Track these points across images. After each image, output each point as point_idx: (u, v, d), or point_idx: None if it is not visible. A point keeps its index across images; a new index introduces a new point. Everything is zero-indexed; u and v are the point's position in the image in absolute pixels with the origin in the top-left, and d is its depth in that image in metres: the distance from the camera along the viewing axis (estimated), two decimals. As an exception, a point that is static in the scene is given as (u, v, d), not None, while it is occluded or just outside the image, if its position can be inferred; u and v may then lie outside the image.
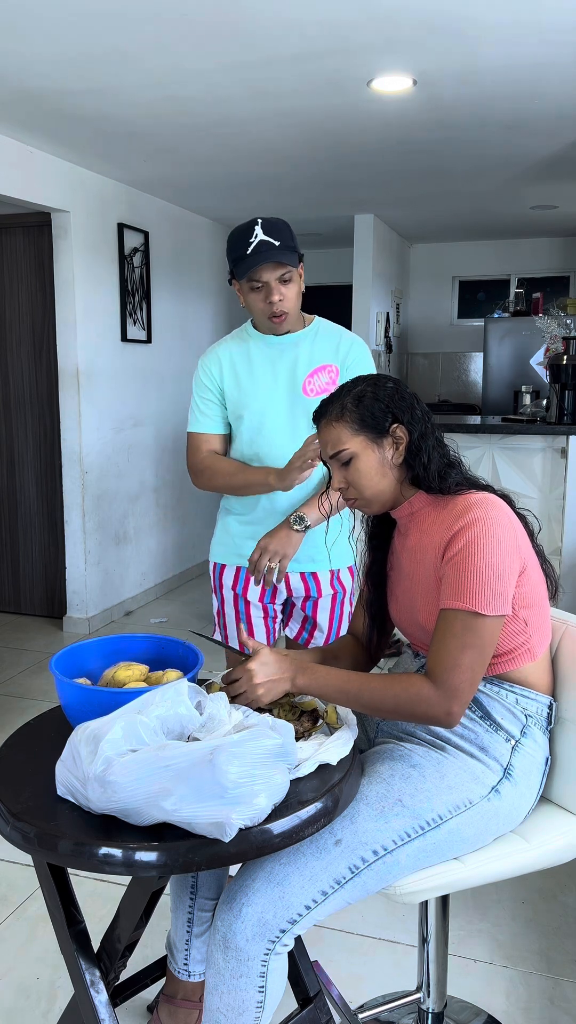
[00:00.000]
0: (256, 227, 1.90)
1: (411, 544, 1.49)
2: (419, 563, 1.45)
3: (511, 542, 1.36)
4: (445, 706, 1.30)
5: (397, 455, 1.44)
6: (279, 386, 2.05)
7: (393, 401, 1.44)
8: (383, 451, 1.44)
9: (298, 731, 1.37)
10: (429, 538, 1.43)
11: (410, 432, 1.44)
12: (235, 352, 2.09)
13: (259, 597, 2.15)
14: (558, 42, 2.63)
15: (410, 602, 1.50)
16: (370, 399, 1.44)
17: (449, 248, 6.83)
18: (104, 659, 1.51)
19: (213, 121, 3.41)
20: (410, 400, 1.46)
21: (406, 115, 3.35)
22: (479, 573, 1.32)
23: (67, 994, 1.84)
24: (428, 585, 1.43)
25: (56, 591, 4.63)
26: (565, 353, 3.78)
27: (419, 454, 1.43)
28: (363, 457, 1.44)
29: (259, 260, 1.89)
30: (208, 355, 2.12)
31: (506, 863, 1.41)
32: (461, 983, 1.91)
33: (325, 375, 2.06)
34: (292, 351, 2.06)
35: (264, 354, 2.07)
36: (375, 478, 1.45)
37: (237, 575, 2.15)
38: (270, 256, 1.89)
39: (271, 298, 1.94)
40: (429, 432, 1.45)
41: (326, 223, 5.83)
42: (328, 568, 2.13)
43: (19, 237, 4.35)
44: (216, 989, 1.31)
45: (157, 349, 5.01)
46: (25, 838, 1.17)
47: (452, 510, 1.40)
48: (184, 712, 1.25)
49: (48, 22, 2.45)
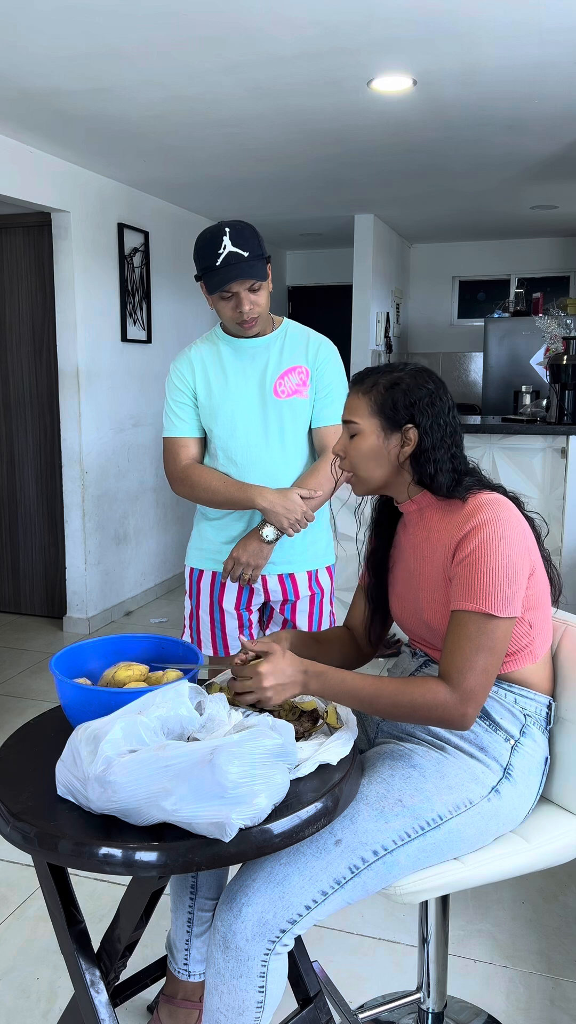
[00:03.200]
0: (224, 238, 1.88)
1: (417, 540, 1.49)
2: (425, 560, 1.45)
3: (523, 544, 1.36)
4: (460, 709, 1.30)
5: (402, 453, 1.44)
6: (250, 388, 2.05)
7: (421, 403, 1.41)
8: (388, 443, 1.44)
9: (298, 731, 1.37)
10: (437, 536, 1.43)
11: (421, 439, 1.42)
12: (206, 355, 2.08)
13: (235, 605, 2.14)
14: (558, 42, 2.63)
15: (413, 597, 1.50)
16: (401, 391, 1.42)
17: (449, 248, 6.83)
18: (104, 659, 1.51)
19: (213, 121, 3.41)
20: (440, 409, 1.42)
21: (406, 115, 3.35)
22: (492, 575, 1.31)
23: (67, 994, 1.85)
24: (434, 583, 1.43)
25: (56, 591, 4.63)
26: (565, 353, 3.78)
27: (426, 463, 1.42)
28: (367, 439, 1.44)
29: (229, 276, 1.88)
30: (179, 359, 2.11)
31: (506, 863, 1.41)
32: (461, 983, 1.91)
33: (296, 376, 2.06)
34: (263, 354, 2.06)
35: (235, 357, 2.06)
36: (370, 463, 1.45)
37: (213, 581, 2.15)
38: (240, 272, 1.88)
39: (240, 308, 1.94)
40: (444, 445, 1.42)
41: (326, 223, 5.83)
42: (305, 569, 2.13)
43: (19, 237, 4.35)
44: (216, 989, 1.30)
45: (157, 349, 5.01)
46: (25, 838, 1.17)
47: (462, 510, 1.39)
48: (184, 713, 1.25)
49: (48, 21, 2.45)
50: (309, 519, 2.02)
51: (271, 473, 2.05)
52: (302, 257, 7.15)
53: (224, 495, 2.02)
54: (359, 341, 5.80)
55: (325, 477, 2.07)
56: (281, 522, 1.99)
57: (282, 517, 1.99)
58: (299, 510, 2.00)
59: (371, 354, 5.83)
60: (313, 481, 2.06)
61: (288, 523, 1.99)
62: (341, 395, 2.12)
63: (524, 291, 6.03)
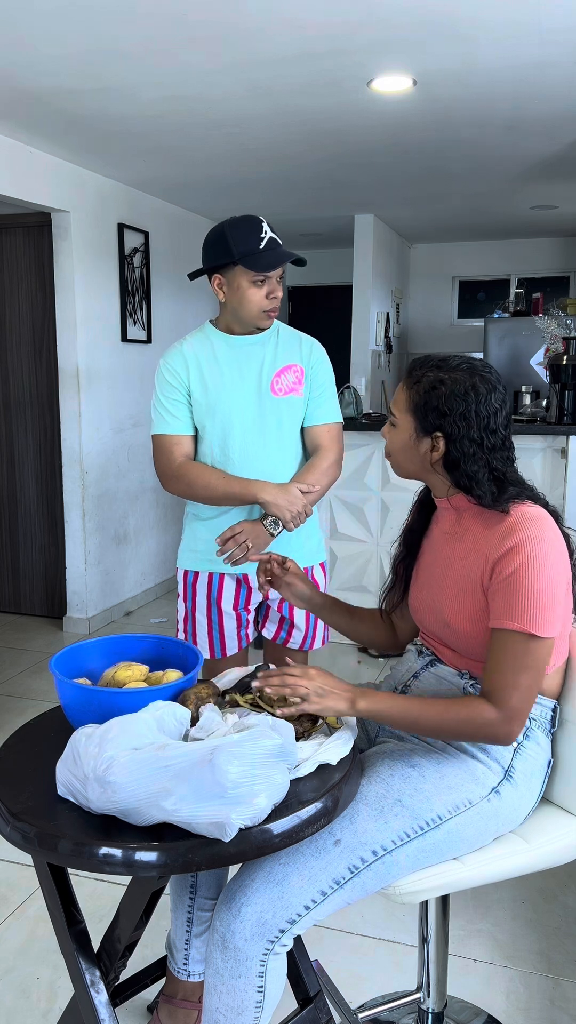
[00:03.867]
0: (264, 223, 1.93)
1: (451, 537, 1.48)
2: (456, 558, 1.44)
3: (563, 564, 1.35)
4: (506, 728, 1.31)
5: (430, 457, 1.43)
6: (247, 386, 2.05)
7: (453, 414, 1.37)
8: (420, 444, 1.43)
9: (298, 731, 1.37)
10: (473, 540, 1.42)
11: (449, 450, 1.40)
12: (200, 352, 2.07)
13: (232, 605, 2.14)
14: (558, 42, 2.63)
15: (436, 590, 1.49)
16: (438, 396, 1.38)
17: (449, 248, 6.83)
18: (104, 659, 1.51)
19: (213, 121, 3.41)
20: (478, 423, 1.37)
21: (406, 115, 3.35)
22: (536, 594, 1.30)
23: (67, 994, 1.84)
24: (463, 584, 1.41)
25: (56, 591, 4.63)
26: (565, 353, 3.78)
27: (457, 472, 1.40)
28: (401, 434, 1.45)
29: (280, 257, 1.93)
30: (172, 355, 2.08)
31: (506, 863, 1.41)
32: (461, 983, 1.91)
33: (291, 374, 2.07)
34: (259, 351, 2.06)
35: (230, 354, 2.06)
36: (402, 455, 1.47)
37: (210, 581, 2.14)
38: (288, 254, 1.94)
39: (275, 294, 1.97)
40: (477, 459, 1.38)
41: (326, 223, 5.83)
42: (301, 566, 2.13)
43: (19, 237, 4.35)
44: (215, 989, 1.30)
45: (157, 349, 5.01)
46: (25, 838, 1.17)
47: (502, 521, 1.37)
48: (183, 714, 1.25)
49: (48, 21, 2.45)
50: (308, 513, 2.02)
51: (266, 470, 2.05)
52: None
53: (224, 491, 2.02)
54: (359, 341, 5.80)
55: (321, 473, 2.07)
56: (284, 515, 1.98)
57: (284, 510, 1.98)
58: (300, 504, 2.00)
59: (371, 354, 5.83)
60: (310, 476, 2.06)
61: (290, 516, 1.98)
62: (333, 395, 2.14)
63: (524, 291, 6.03)
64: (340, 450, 2.15)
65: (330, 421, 2.13)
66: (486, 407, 1.38)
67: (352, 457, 3.92)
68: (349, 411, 4.01)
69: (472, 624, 1.40)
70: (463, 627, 1.42)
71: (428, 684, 1.51)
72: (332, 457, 2.11)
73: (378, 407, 5.90)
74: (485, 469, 1.39)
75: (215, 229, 1.96)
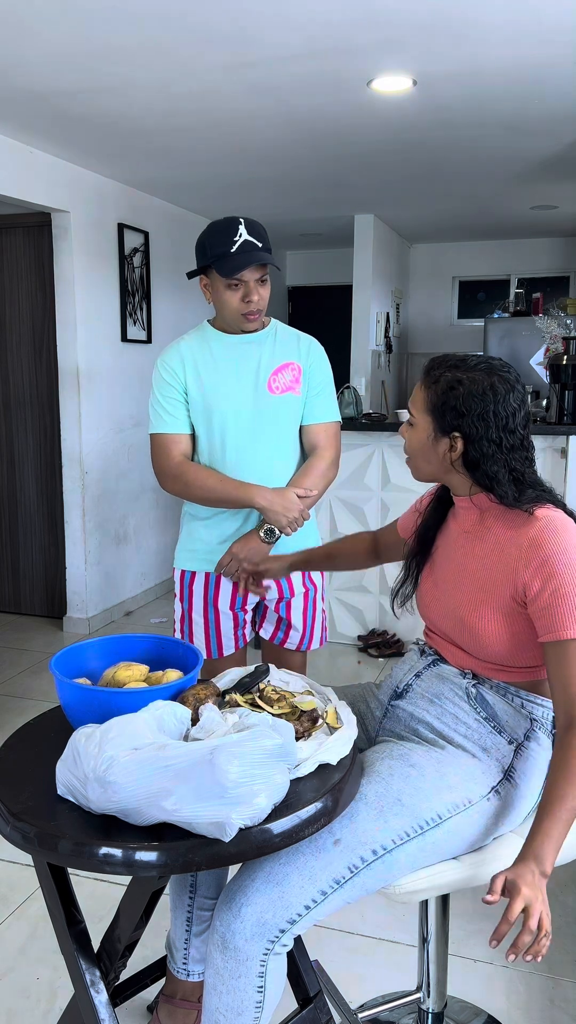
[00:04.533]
0: (240, 226, 1.92)
1: (472, 536, 1.47)
2: (476, 558, 1.44)
3: None
4: None
5: (449, 457, 1.42)
6: (244, 385, 2.05)
7: (471, 414, 1.37)
8: (438, 444, 1.43)
9: (298, 731, 1.37)
10: (495, 541, 1.42)
11: (467, 450, 1.39)
12: (197, 351, 2.06)
13: (229, 605, 2.13)
14: (558, 42, 2.63)
15: (451, 588, 1.48)
16: (456, 396, 1.38)
17: (449, 248, 6.83)
18: (104, 659, 1.51)
19: (213, 121, 3.41)
20: (497, 423, 1.37)
21: (406, 115, 3.35)
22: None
23: (67, 994, 1.84)
24: (483, 584, 1.41)
25: (56, 591, 4.63)
26: (565, 353, 3.78)
27: (477, 472, 1.40)
28: (419, 434, 1.45)
29: (247, 260, 1.90)
30: (169, 354, 2.08)
31: (506, 864, 1.41)
32: (461, 983, 1.91)
33: (289, 373, 2.07)
34: (256, 350, 2.06)
35: (227, 353, 2.06)
36: (420, 455, 1.47)
37: (207, 581, 2.13)
38: (257, 257, 1.91)
39: (250, 298, 1.95)
40: (496, 459, 1.38)
41: (326, 223, 5.83)
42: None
43: (19, 237, 4.35)
44: (215, 989, 1.30)
45: (157, 349, 5.01)
46: (25, 838, 1.17)
47: (528, 524, 1.37)
48: (183, 714, 1.25)
49: (48, 21, 2.45)
50: (305, 517, 2.03)
51: (263, 470, 2.05)
52: (302, 257, 7.15)
53: (220, 493, 2.02)
54: (359, 341, 5.80)
55: (319, 476, 2.07)
56: (280, 520, 1.99)
57: (280, 516, 1.98)
58: (296, 508, 2.00)
59: (371, 354, 5.83)
60: (307, 480, 2.06)
61: (287, 521, 1.99)
62: (331, 393, 2.14)
63: (524, 291, 6.03)
64: (337, 450, 2.15)
65: (328, 420, 2.13)
66: (504, 407, 1.37)
67: (352, 457, 3.92)
68: (349, 411, 4.01)
69: (487, 622, 1.41)
70: (478, 625, 1.42)
71: (430, 684, 1.52)
72: (329, 458, 2.11)
73: (378, 407, 5.90)
74: (505, 469, 1.39)
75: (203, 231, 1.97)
